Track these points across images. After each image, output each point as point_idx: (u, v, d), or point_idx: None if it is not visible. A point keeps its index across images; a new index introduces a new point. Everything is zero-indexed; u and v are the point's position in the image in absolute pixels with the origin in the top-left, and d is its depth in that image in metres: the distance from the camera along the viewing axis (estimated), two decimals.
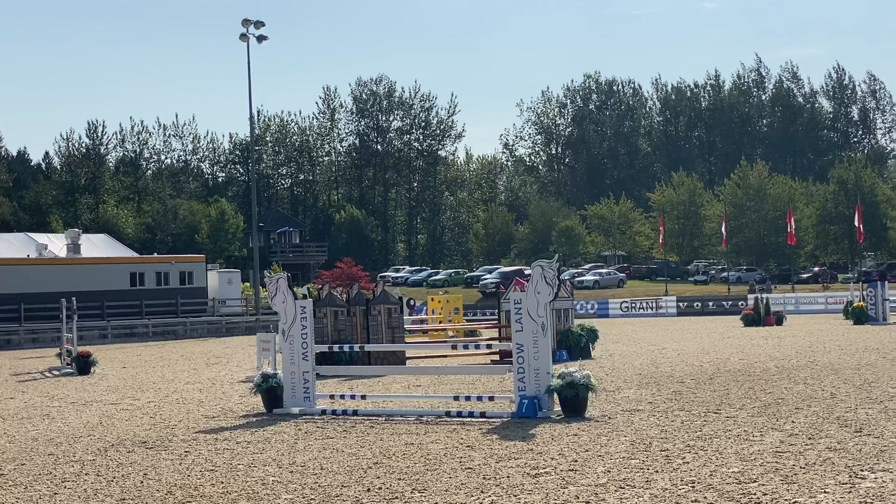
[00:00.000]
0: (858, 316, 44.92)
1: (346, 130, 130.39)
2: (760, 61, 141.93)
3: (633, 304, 71.51)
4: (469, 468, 11.75)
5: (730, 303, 66.98)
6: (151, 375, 28.54)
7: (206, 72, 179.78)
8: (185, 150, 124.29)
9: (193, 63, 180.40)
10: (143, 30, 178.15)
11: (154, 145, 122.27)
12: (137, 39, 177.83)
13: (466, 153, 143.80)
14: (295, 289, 19.02)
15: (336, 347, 20.95)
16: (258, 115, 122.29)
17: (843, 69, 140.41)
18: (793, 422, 14.43)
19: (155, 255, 75.66)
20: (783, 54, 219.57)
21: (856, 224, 79.69)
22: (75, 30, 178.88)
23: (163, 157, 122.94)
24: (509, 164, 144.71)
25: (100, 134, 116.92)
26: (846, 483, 10.13)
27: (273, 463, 12.67)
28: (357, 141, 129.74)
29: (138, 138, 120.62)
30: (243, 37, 64.75)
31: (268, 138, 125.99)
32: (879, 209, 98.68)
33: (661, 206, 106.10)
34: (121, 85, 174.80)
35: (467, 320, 52.06)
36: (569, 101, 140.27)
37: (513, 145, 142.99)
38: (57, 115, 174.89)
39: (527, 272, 19.57)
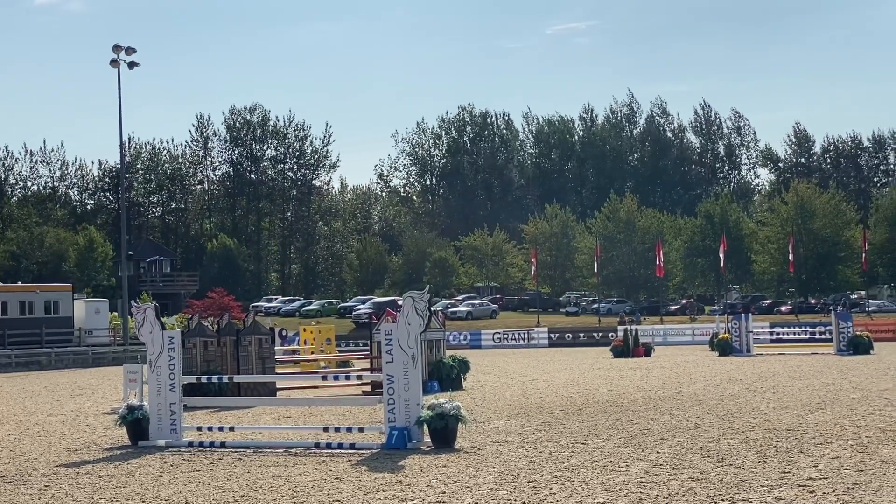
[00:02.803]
0: (723, 347, 45.90)
1: (220, 159, 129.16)
2: (633, 96, 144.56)
3: (506, 336, 71.99)
4: (337, 500, 11.68)
5: (600, 334, 67.86)
6: (12, 407, 27.74)
7: (75, 97, 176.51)
8: (52, 177, 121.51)
9: (62, 88, 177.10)
10: (10, 52, 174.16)
11: (20, 171, 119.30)
12: (3, 62, 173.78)
13: (341, 183, 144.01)
14: (163, 319, 18.71)
15: (205, 378, 20.65)
16: (129, 142, 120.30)
17: (709, 105, 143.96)
18: (658, 452, 14.67)
19: (19, 283, 73.76)
20: (654, 90, 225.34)
21: (720, 257, 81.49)
22: None
23: (29, 184, 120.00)
24: (384, 194, 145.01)
25: None
26: None
27: (136, 497, 12.41)
28: (230, 170, 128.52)
29: (3, 164, 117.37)
30: (114, 63, 63.71)
31: (139, 166, 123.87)
32: (744, 243, 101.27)
33: (533, 238, 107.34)
34: None
35: (340, 351, 51.84)
36: (443, 132, 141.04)
37: (387, 176, 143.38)
38: None
39: (399, 303, 19.59)
